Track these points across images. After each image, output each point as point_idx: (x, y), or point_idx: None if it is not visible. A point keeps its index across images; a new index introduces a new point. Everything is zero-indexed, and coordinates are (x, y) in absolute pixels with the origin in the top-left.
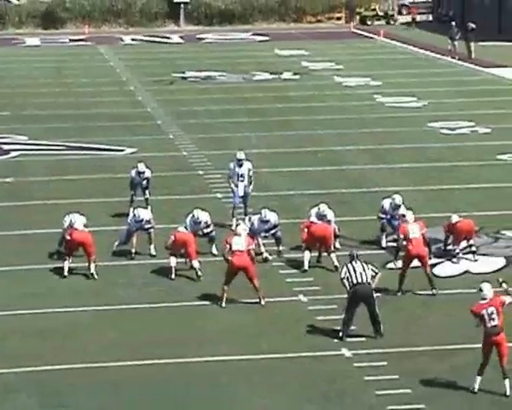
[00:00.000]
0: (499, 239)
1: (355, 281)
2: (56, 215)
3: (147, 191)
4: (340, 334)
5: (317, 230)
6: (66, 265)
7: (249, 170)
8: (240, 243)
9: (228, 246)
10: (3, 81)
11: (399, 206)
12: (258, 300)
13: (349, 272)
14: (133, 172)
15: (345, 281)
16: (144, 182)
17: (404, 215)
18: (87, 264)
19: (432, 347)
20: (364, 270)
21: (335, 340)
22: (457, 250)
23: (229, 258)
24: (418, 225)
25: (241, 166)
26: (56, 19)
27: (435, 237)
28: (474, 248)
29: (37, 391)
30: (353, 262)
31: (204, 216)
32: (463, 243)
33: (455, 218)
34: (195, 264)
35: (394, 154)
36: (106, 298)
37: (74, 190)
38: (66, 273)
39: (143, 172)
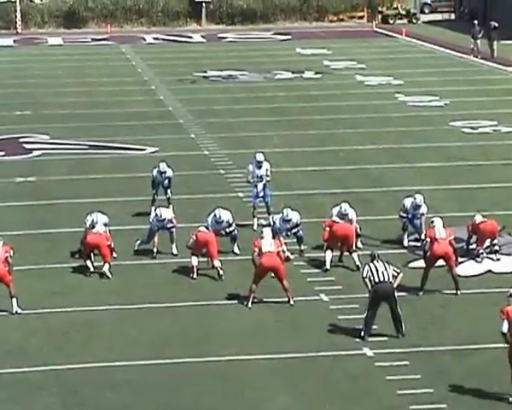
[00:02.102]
0: None
1: (376, 279)
2: (78, 214)
3: (168, 191)
4: (362, 333)
5: (339, 229)
6: (90, 265)
7: (267, 170)
8: (269, 244)
9: (257, 249)
10: (26, 80)
11: (420, 206)
12: (286, 299)
13: (371, 271)
14: (155, 172)
15: (366, 280)
16: (166, 181)
17: (423, 214)
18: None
19: (453, 346)
20: (386, 269)
21: (357, 339)
22: (481, 251)
23: (259, 259)
24: (445, 229)
25: (260, 167)
26: (78, 18)
27: (458, 236)
28: (496, 247)
29: (60, 389)
30: (375, 262)
31: (226, 215)
32: (487, 243)
33: (478, 218)
34: (217, 263)
35: (416, 153)
36: (128, 297)
37: (96, 189)
38: (89, 273)
39: (165, 172)
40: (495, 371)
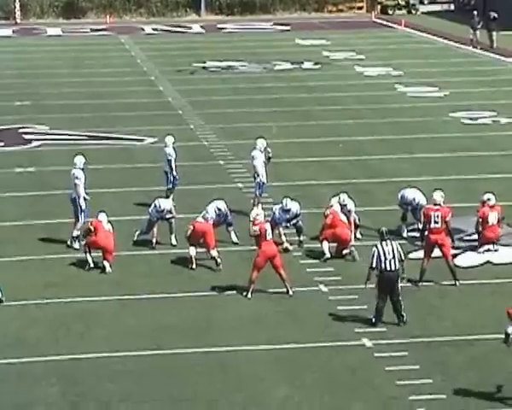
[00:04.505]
0: None
1: (383, 267)
2: None
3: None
4: (374, 320)
5: (341, 234)
6: (90, 260)
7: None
8: (269, 231)
9: (258, 234)
10: (25, 71)
11: (414, 199)
12: (285, 290)
13: (379, 258)
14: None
15: (374, 272)
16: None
17: (422, 205)
18: (102, 258)
19: (452, 337)
20: (394, 256)
21: (356, 330)
22: (480, 250)
23: (260, 247)
24: (442, 211)
25: (263, 152)
26: (78, 9)
27: (457, 227)
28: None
29: (60, 380)
30: (383, 243)
31: (223, 205)
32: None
33: (491, 200)
34: (214, 253)
35: (415, 144)
36: (127, 288)
37: (95, 179)
38: (88, 268)
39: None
40: (494, 362)
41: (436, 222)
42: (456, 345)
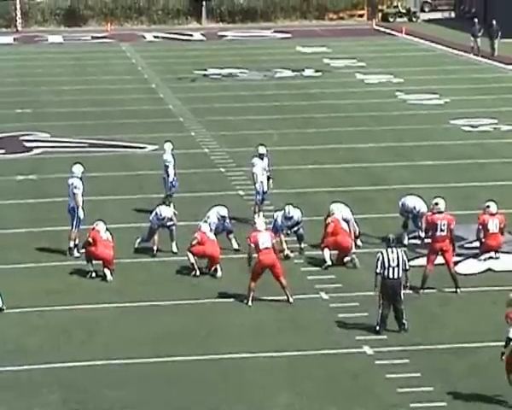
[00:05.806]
0: None
1: (386, 274)
2: None
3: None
4: (377, 328)
5: (342, 242)
6: (91, 268)
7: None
8: (266, 240)
9: (253, 245)
10: (26, 78)
11: (415, 207)
12: (286, 298)
13: (383, 264)
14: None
15: (378, 277)
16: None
17: (423, 213)
18: (102, 267)
19: (453, 344)
20: (398, 264)
21: (357, 337)
22: (481, 257)
23: (257, 256)
24: (448, 219)
25: (262, 160)
26: (79, 16)
27: (458, 234)
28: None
29: (61, 387)
30: (389, 250)
31: (224, 211)
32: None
33: (493, 207)
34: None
35: (416, 151)
36: (128, 295)
37: (96, 187)
38: (89, 276)
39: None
40: (495, 369)
41: (442, 230)
42: (457, 352)
